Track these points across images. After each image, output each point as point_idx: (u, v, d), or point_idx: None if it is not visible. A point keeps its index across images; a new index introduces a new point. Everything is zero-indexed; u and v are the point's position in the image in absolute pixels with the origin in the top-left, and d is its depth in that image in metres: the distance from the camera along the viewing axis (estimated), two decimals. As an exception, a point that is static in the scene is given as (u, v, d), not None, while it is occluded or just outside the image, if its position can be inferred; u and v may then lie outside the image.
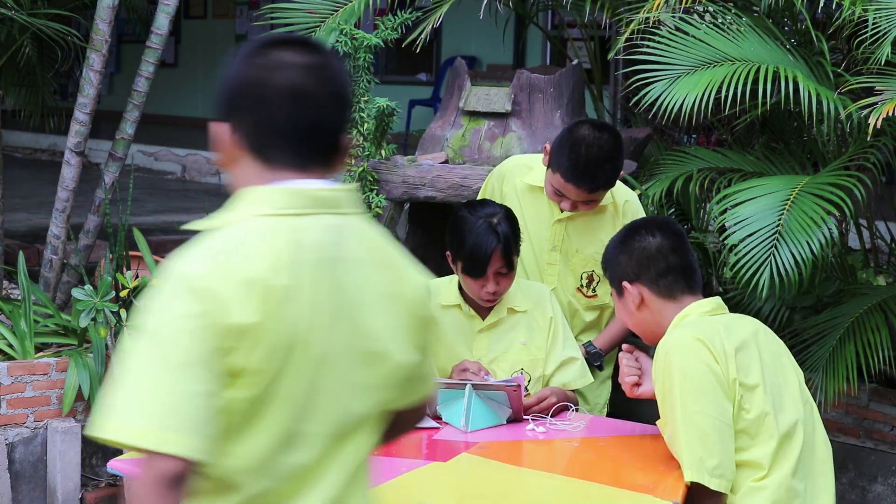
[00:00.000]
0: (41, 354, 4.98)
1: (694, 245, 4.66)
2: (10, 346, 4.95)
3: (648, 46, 4.21)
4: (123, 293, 4.88)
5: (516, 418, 3.27)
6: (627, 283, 2.99)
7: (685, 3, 4.27)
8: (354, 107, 4.88)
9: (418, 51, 5.06)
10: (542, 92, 4.95)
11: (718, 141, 6.06)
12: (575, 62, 5.26)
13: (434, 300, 3.54)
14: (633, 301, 2.99)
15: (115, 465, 2.88)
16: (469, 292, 3.50)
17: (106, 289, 4.69)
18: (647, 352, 3.10)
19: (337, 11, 5.16)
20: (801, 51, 4.41)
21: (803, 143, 5.04)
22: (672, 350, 2.83)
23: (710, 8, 4.43)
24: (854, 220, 4.79)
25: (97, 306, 4.67)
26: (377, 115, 4.81)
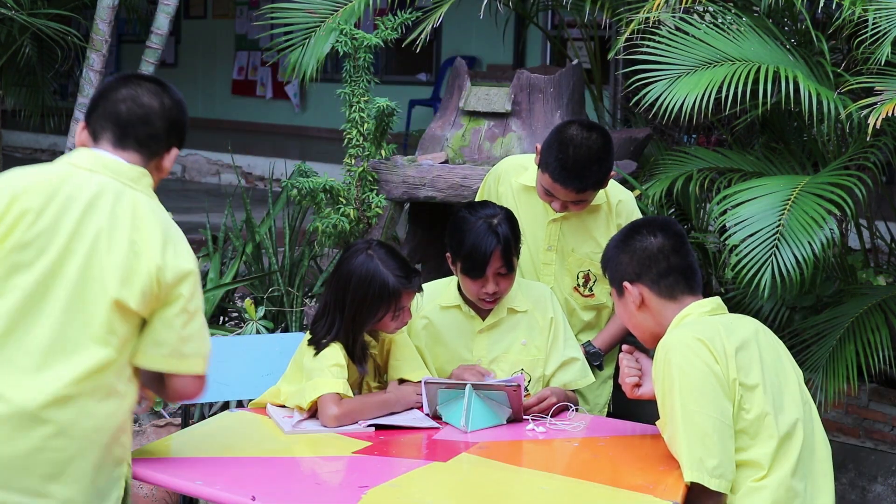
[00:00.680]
0: (41, 354, 4.97)
1: (694, 245, 4.66)
2: (10, 346, 4.94)
3: (648, 46, 4.21)
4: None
5: (516, 418, 3.27)
6: (628, 283, 2.99)
7: (685, 3, 4.27)
8: (354, 107, 4.88)
9: (418, 51, 5.06)
10: (542, 92, 4.94)
11: (718, 141, 6.06)
12: (575, 62, 5.25)
13: (434, 301, 3.56)
14: (634, 301, 2.99)
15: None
16: (468, 293, 3.50)
17: (106, 289, 4.68)
18: (648, 353, 3.10)
19: (337, 11, 5.16)
20: (801, 51, 4.41)
21: (803, 143, 5.04)
22: (672, 350, 2.83)
23: (710, 8, 4.43)
24: (854, 220, 4.79)
25: (97, 306, 4.66)
26: (377, 115, 4.81)
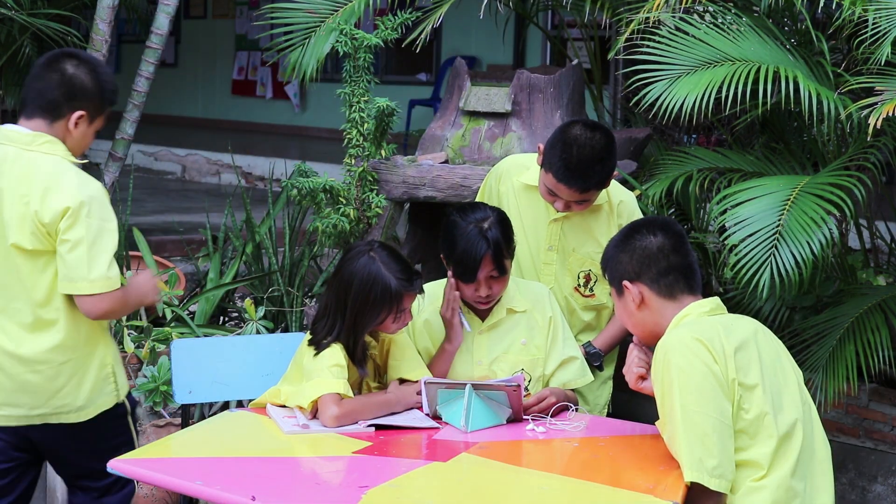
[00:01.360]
0: (41, 354, 4.97)
1: (694, 245, 4.66)
2: (10, 346, 4.94)
3: (648, 46, 4.21)
4: (123, 293, 4.87)
5: (516, 418, 3.27)
6: (628, 282, 2.99)
7: (685, 3, 4.26)
8: (354, 107, 4.88)
9: (418, 51, 5.06)
10: (542, 92, 4.94)
11: (718, 141, 6.06)
12: (575, 62, 5.25)
13: (434, 303, 3.56)
14: (634, 300, 2.99)
15: (115, 465, 2.88)
16: (462, 295, 3.50)
17: (106, 289, 4.68)
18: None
19: (337, 11, 5.16)
20: (801, 51, 4.40)
21: (803, 143, 5.04)
22: (671, 350, 2.83)
23: (710, 8, 4.43)
24: (854, 220, 4.79)
25: (97, 306, 4.65)
26: (377, 115, 4.81)
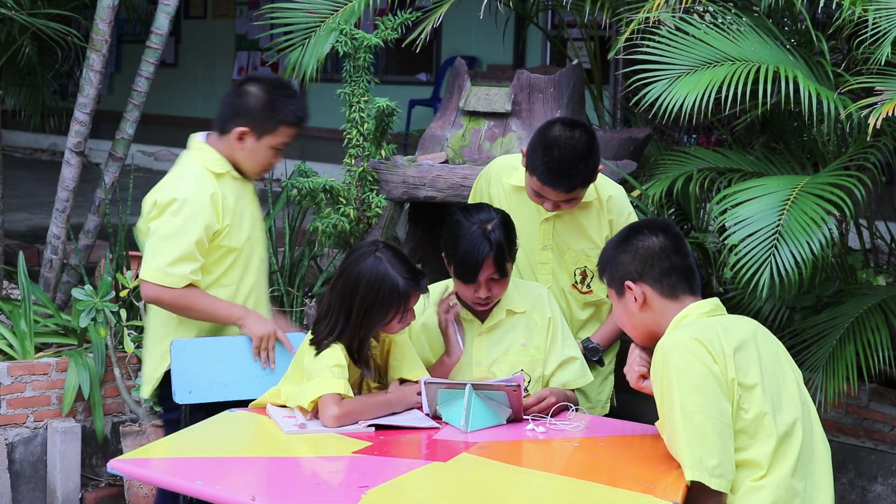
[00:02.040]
0: (41, 354, 4.98)
1: (694, 245, 4.66)
2: (10, 346, 4.95)
3: (648, 46, 4.21)
4: (123, 293, 4.88)
5: (516, 418, 3.27)
6: (631, 283, 2.99)
7: (685, 3, 4.26)
8: (354, 107, 4.88)
9: (418, 51, 5.06)
10: (542, 92, 4.94)
11: (718, 141, 6.06)
12: (575, 62, 5.25)
13: (433, 305, 3.56)
14: (636, 301, 2.98)
15: (115, 465, 2.88)
16: (462, 296, 3.50)
17: (106, 289, 4.69)
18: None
19: (337, 11, 5.15)
20: (801, 51, 4.40)
21: (803, 143, 5.03)
22: (670, 350, 2.83)
23: (710, 8, 4.43)
24: (854, 220, 4.79)
25: (97, 306, 4.66)
26: (377, 115, 4.81)
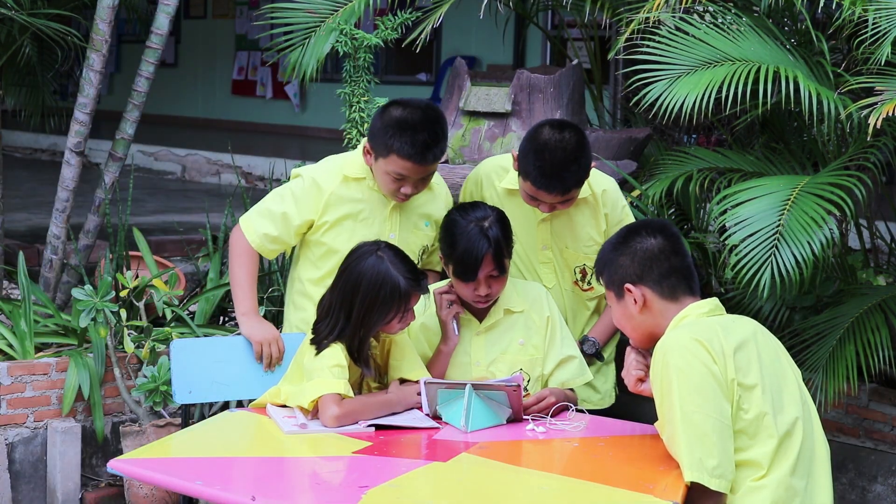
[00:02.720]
0: (41, 354, 4.97)
1: (694, 245, 4.66)
2: (10, 346, 4.94)
3: (648, 46, 4.21)
4: (123, 293, 4.87)
5: (516, 418, 3.27)
6: (630, 285, 2.98)
7: (685, 3, 4.26)
8: (354, 107, 4.87)
9: (418, 51, 5.05)
10: (542, 92, 4.94)
11: (718, 141, 6.06)
12: (575, 62, 5.24)
13: (430, 308, 3.56)
14: (636, 303, 2.98)
15: (115, 465, 2.88)
16: (461, 295, 3.50)
17: (106, 289, 4.69)
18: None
19: (337, 11, 5.15)
20: (801, 51, 4.40)
21: (803, 143, 5.03)
22: (670, 351, 2.82)
23: (710, 8, 4.43)
24: (854, 220, 4.79)
25: (97, 306, 4.66)
26: (377, 115, 4.80)
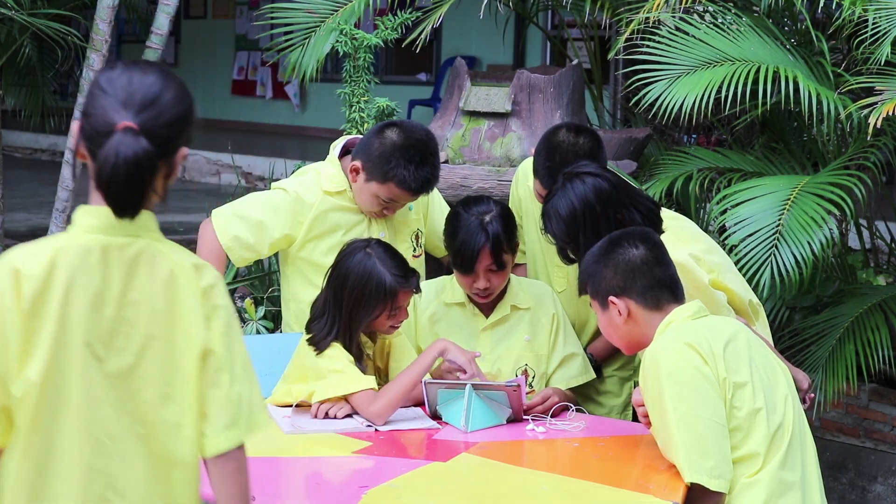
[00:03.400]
0: (41, 354, 4.97)
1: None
2: (10, 346, 4.94)
3: (648, 46, 4.21)
4: (123, 293, 4.87)
5: (516, 418, 3.27)
6: (614, 297, 2.93)
7: (685, 3, 4.26)
8: (354, 107, 4.87)
9: (418, 51, 5.06)
10: (542, 92, 4.94)
11: (718, 141, 6.06)
12: (575, 62, 5.24)
13: (439, 298, 3.56)
14: (621, 314, 2.94)
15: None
16: (461, 286, 3.51)
17: (106, 289, 4.68)
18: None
19: (337, 11, 5.15)
20: (801, 51, 4.41)
21: (803, 143, 5.04)
22: (660, 355, 2.81)
23: (710, 8, 4.43)
24: (854, 220, 4.79)
25: (97, 306, 4.65)
26: (377, 116, 4.81)
